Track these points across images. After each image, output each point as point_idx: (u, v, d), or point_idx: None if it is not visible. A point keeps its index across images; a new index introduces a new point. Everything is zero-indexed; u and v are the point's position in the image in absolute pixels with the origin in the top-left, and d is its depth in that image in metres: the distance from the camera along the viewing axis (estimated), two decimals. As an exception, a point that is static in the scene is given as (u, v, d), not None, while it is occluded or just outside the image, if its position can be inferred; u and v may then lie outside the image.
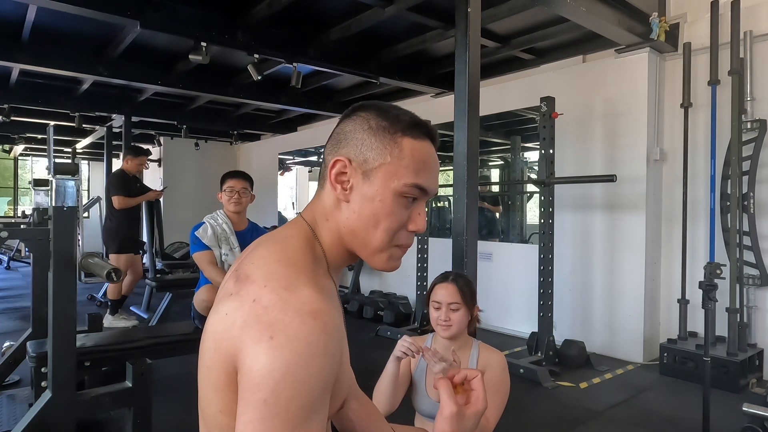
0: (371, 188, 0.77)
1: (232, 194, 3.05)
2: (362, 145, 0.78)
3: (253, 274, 0.72)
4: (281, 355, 0.63)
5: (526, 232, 6.68)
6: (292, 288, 0.69)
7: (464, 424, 0.82)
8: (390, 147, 0.78)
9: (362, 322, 5.60)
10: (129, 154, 5.44)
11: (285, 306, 0.66)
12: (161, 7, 3.80)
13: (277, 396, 0.62)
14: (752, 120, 3.87)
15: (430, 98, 6.20)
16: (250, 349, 0.65)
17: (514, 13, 3.90)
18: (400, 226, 0.79)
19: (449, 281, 1.73)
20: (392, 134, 0.78)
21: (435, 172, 0.81)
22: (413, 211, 0.80)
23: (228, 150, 10.45)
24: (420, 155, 0.79)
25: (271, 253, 0.76)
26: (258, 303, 0.68)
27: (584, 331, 4.57)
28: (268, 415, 0.62)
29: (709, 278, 2.63)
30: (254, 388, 0.63)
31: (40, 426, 2.12)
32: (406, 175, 0.77)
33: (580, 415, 3.17)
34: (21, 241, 6.77)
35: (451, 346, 1.73)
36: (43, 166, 10.75)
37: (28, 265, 8.96)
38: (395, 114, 0.80)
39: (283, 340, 0.64)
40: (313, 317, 0.66)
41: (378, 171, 0.77)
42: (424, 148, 0.80)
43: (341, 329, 0.72)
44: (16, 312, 5.82)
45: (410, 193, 0.78)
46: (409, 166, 0.77)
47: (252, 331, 0.66)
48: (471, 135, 3.06)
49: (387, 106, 0.82)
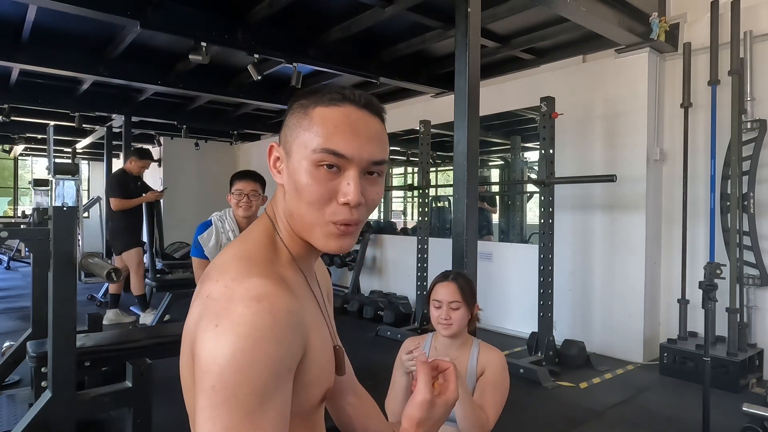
0: (292, 165, 0.76)
1: (241, 197, 2.81)
2: (285, 127, 0.79)
3: (212, 271, 0.74)
4: (225, 339, 0.63)
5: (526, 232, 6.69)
6: (240, 278, 0.69)
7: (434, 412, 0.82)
8: (301, 120, 0.76)
9: (362, 322, 5.60)
10: (134, 156, 5.49)
11: (231, 294, 0.67)
12: (161, 7, 3.80)
13: (223, 381, 0.61)
14: (752, 120, 3.87)
15: (430, 98, 6.20)
16: (199, 339, 0.66)
17: (514, 13, 3.90)
18: (326, 198, 0.74)
19: (450, 280, 1.73)
20: (305, 108, 0.76)
21: (359, 135, 0.75)
22: (341, 182, 0.74)
23: (228, 150, 10.45)
24: (331, 119, 0.74)
25: (230, 250, 0.78)
26: (210, 297, 0.69)
27: (584, 331, 4.57)
28: (218, 401, 0.61)
29: (709, 278, 2.63)
30: (203, 376, 0.63)
31: (40, 426, 2.13)
32: (314, 142, 0.73)
33: (580, 415, 3.17)
34: (21, 241, 6.76)
35: (452, 345, 1.74)
36: (43, 166, 10.75)
37: (28, 265, 8.96)
38: (317, 91, 0.78)
39: (227, 325, 0.63)
40: (257, 301, 0.65)
41: (293, 146, 0.76)
42: (339, 111, 0.75)
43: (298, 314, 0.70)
44: (16, 312, 5.82)
45: (324, 160, 0.73)
46: (318, 133, 0.74)
47: (203, 323, 0.67)
48: (471, 135, 3.06)
49: (320, 87, 0.80)
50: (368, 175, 0.77)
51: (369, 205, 0.77)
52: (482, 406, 1.63)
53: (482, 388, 1.67)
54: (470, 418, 1.56)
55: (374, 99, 0.79)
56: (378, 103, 0.80)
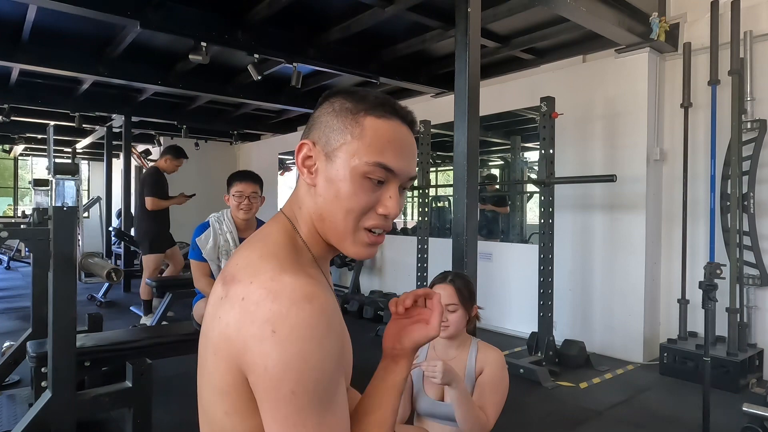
0: (333, 169, 0.75)
1: (241, 200, 2.77)
2: (326, 127, 0.77)
3: (237, 274, 0.72)
4: (291, 345, 0.63)
5: (526, 232, 6.68)
6: (278, 279, 0.68)
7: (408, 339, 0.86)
8: (351, 126, 0.75)
9: (362, 322, 5.60)
10: (169, 154, 5.28)
11: (276, 297, 0.66)
12: (161, 7, 3.80)
13: (303, 385, 0.64)
14: (752, 120, 3.87)
15: (430, 98, 6.20)
16: (256, 348, 0.65)
17: (514, 13, 3.90)
18: (366, 208, 0.75)
19: (447, 282, 1.73)
20: (354, 114, 0.76)
21: (405, 152, 0.77)
22: (383, 194, 0.76)
23: (228, 150, 10.45)
24: (384, 134, 0.75)
25: (253, 251, 0.76)
26: (247, 300, 0.67)
27: (584, 331, 4.57)
28: (301, 405, 0.64)
29: (709, 278, 2.63)
30: (277, 384, 0.64)
31: (40, 426, 2.13)
32: (367, 153, 0.73)
33: (580, 415, 3.17)
34: (21, 241, 6.75)
35: (450, 345, 1.74)
36: (43, 166, 10.75)
37: (28, 265, 8.96)
38: (361, 95, 0.78)
39: (286, 331, 0.64)
40: (309, 301, 0.66)
41: (339, 151, 0.75)
42: (390, 126, 0.76)
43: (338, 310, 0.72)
44: (16, 312, 5.82)
45: (374, 173, 0.74)
46: (372, 145, 0.74)
47: (251, 329, 0.65)
48: (471, 135, 3.06)
49: (356, 89, 0.80)
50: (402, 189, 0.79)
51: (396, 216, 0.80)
52: (482, 406, 1.63)
53: (481, 387, 1.67)
54: (470, 418, 1.56)
55: (415, 115, 0.81)
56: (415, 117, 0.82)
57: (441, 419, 1.67)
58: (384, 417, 0.80)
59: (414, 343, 0.85)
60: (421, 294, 0.88)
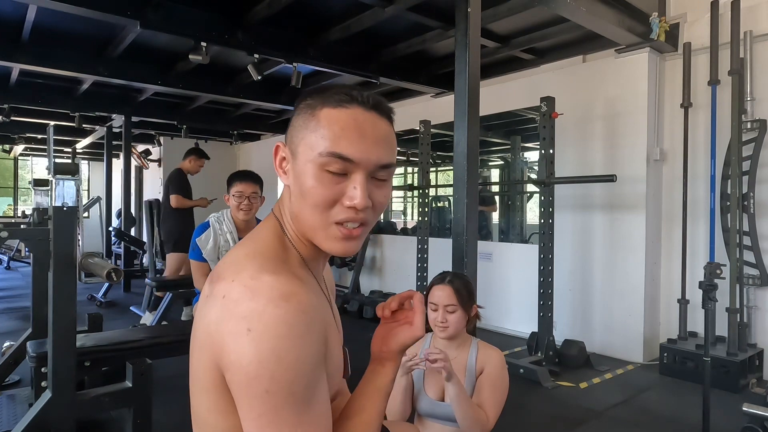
0: (297, 166, 0.75)
1: (241, 200, 2.77)
2: (292, 127, 0.78)
3: (223, 272, 0.73)
4: (266, 343, 0.62)
5: (526, 232, 6.68)
6: (257, 277, 0.68)
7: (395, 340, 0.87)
8: (307, 121, 0.74)
9: (362, 322, 5.60)
10: (193, 155, 5.40)
11: (254, 295, 0.66)
12: (161, 7, 3.80)
13: (277, 383, 0.62)
14: (752, 120, 3.87)
15: (430, 98, 6.20)
16: (231, 345, 0.64)
17: (514, 13, 3.90)
18: (330, 201, 0.73)
19: (446, 283, 1.73)
20: (312, 109, 0.75)
21: (366, 138, 0.73)
22: (348, 185, 0.73)
23: (228, 150, 10.45)
24: (337, 122, 0.72)
25: (240, 250, 0.77)
26: (228, 298, 0.67)
27: (584, 331, 4.57)
28: (275, 404, 0.62)
29: (709, 278, 2.63)
30: (251, 382, 0.63)
31: (40, 426, 2.12)
32: (321, 145, 0.72)
33: (580, 415, 3.17)
34: (21, 241, 6.75)
35: (450, 345, 1.74)
36: (43, 166, 10.74)
37: (28, 265, 8.95)
38: (324, 90, 0.76)
39: (261, 328, 0.63)
40: (286, 300, 0.65)
41: (299, 147, 0.75)
42: (346, 114, 0.73)
43: (320, 310, 0.71)
44: (16, 312, 5.82)
45: (330, 164, 0.72)
46: (325, 136, 0.72)
47: (228, 326, 0.65)
48: (471, 135, 3.06)
49: (328, 86, 0.78)
50: (375, 179, 0.76)
51: (376, 208, 0.76)
52: (482, 405, 1.63)
53: (481, 387, 1.67)
54: (469, 417, 1.56)
55: (383, 100, 0.77)
56: (386, 104, 0.78)
57: (441, 419, 1.67)
58: (369, 419, 0.80)
59: (400, 345, 0.86)
60: (405, 296, 0.88)
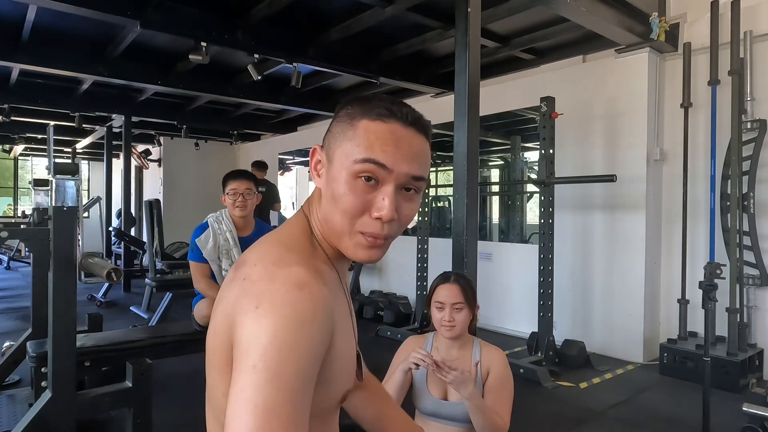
0: (332, 171, 0.77)
1: (236, 197, 2.82)
2: (330, 133, 0.80)
3: (249, 258, 0.75)
4: (267, 320, 0.63)
5: (526, 232, 6.68)
6: (281, 264, 0.70)
7: None
8: (346, 129, 0.77)
9: (362, 322, 5.60)
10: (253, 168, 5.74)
11: (271, 278, 0.68)
12: (161, 7, 3.80)
13: (265, 360, 0.61)
14: (752, 120, 3.87)
15: (430, 98, 6.20)
16: (239, 320, 0.66)
17: (514, 13, 3.90)
18: (360, 209, 0.75)
19: (451, 281, 1.72)
20: (352, 118, 0.77)
21: (400, 149, 0.74)
22: (377, 196, 0.74)
23: (228, 150, 10.45)
24: (374, 132, 0.74)
25: (268, 239, 0.80)
26: (248, 279, 0.70)
27: (584, 331, 4.57)
28: (260, 381, 0.60)
29: (709, 278, 2.63)
30: (243, 355, 0.63)
31: (40, 426, 2.12)
32: (356, 152, 0.74)
33: (580, 415, 3.17)
34: (21, 241, 6.76)
35: (453, 345, 1.74)
36: (43, 166, 10.74)
37: (28, 265, 8.95)
38: (365, 101, 0.78)
39: (267, 306, 0.64)
40: (299, 288, 0.67)
41: (335, 153, 0.77)
42: (384, 127, 0.75)
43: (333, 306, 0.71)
44: (16, 312, 5.82)
45: (364, 170, 0.73)
46: (361, 144, 0.74)
47: (241, 303, 0.67)
48: (471, 135, 3.06)
49: (370, 97, 0.79)
50: (405, 191, 0.77)
51: (402, 221, 0.77)
52: (495, 407, 1.63)
53: (490, 390, 1.67)
54: (488, 425, 1.57)
55: (422, 116, 0.79)
56: (425, 120, 0.80)
57: (445, 419, 1.66)
58: None
59: None
60: None
